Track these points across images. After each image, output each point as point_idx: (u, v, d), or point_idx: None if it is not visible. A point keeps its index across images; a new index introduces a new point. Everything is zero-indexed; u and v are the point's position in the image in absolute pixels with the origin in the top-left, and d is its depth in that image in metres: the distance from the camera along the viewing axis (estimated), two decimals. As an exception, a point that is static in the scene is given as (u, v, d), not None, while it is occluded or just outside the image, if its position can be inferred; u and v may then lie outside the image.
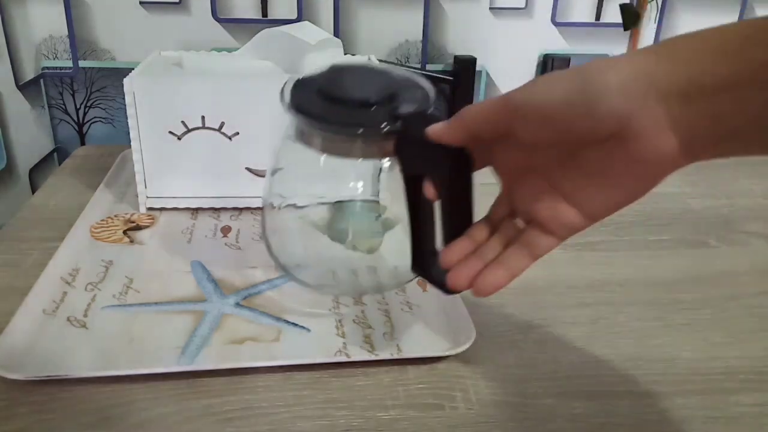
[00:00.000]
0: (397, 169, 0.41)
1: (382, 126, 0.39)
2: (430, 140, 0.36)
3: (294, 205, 0.53)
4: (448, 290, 0.39)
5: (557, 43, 1.14)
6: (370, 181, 0.50)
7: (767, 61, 0.27)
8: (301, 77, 0.43)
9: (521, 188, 0.37)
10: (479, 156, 0.37)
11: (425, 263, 0.42)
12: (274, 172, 0.49)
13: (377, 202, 0.54)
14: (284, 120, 0.47)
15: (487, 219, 0.39)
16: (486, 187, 0.38)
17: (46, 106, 1.06)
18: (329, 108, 0.40)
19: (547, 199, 0.35)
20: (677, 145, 0.30)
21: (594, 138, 0.31)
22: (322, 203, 0.54)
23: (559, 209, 0.35)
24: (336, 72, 0.43)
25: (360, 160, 0.42)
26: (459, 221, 0.38)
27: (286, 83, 0.42)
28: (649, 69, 0.29)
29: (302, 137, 0.42)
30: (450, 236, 0.39)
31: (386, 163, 0.45)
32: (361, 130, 0.40)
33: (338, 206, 0.55)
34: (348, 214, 0.54)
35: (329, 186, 0.45)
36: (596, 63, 0.30)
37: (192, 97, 0.61)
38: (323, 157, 0.43)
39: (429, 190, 0.38)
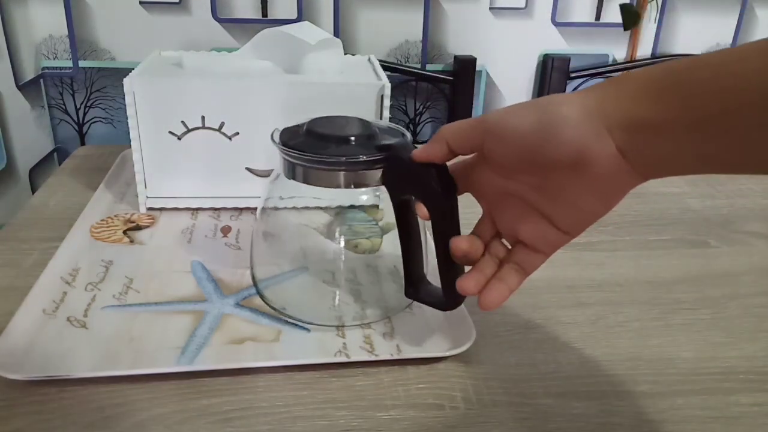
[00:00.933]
0: None
1: (370, 156, 0.43)
2: (415, 164, 0.40)
3: (294, 208, 0.53)
4: (443, 307, 0.44)
5: (557, 43, 1.14)
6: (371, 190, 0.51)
7: (686, 101, 0.31)
8: (287, 126, 0.47)
9: (502, 212, 0.40)
10: (460, 182, 0.41)
11: (417, 286, 0.46)
12: (276, 176, 0.49)
13: (377, 206, 0.54)
14: (284, 120, 0.47)
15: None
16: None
17: (46, 106, 1.06)
18: (317, 144, 0.44)
19: (528, 220, 0.38)
20: (630, 168, 0.33)
21: (559, 163, 0.34)
22: (323, 207, 0.55)
23: (539, 228, 0.38)
24: (319, 120, 0.47)
25: (351, 189, 0.45)
26: (449, 235, 0.41)
27: (274, 131, 0.46)
28: (597, 105, 0.33)
29: (292, 173, 0.45)
30: (442, 251, 0.42)
31: None
32: (344, 159, 0.43)
33: (339, 211, 0.55)
34: (348, 219, 0.55)
35: (330, 192, 0.46)
36: (554, 97, 0.35)
37: (192, 97, 0.61)
38: None
39: (421, 209, 0.41)
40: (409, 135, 0.46)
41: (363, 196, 0.53)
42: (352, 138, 0.44)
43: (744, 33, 1.19)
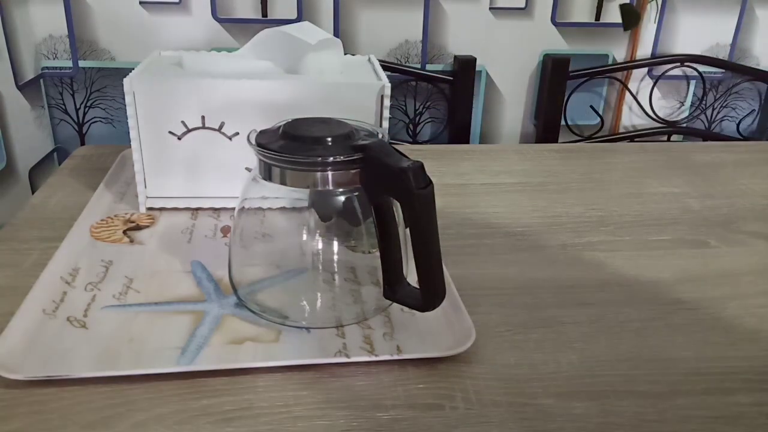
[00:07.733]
0: None
1: (345, 156, 0.43)
2: (390, 164, 0.41)
3: (292, 208, 0.53)
4: (421, 309, 0.45)
5: (557, 43, 1.15)
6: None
7: None
8: (263, 129, 0.47)
9: None
10: None
11: (395, 287, 0.46)
12: (252, 178, 0.49)
13: None
14: (283, 120, 0.47)
15: None
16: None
17: (46, 106, 1.06)
18: (293, 145, 0.44)
19: None
20: None
21: None
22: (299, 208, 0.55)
23: None
24: (296, 121, 0.47)
25: (327, 189, 0.46)
26: (427, 236, 0.42)
27: (250, 133, 0.46)
28: None
29: (268, 174, 0.46)
30: (420, 251, 0.42)
31: None
32: (331, 159, 0.43)
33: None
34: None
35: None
36: None
37: (192, 97, 0.61)
38: None
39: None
40: (386, 136, 0.46)
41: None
42: (328, 139, 0.44)
43: (744, 33, 1.19)
